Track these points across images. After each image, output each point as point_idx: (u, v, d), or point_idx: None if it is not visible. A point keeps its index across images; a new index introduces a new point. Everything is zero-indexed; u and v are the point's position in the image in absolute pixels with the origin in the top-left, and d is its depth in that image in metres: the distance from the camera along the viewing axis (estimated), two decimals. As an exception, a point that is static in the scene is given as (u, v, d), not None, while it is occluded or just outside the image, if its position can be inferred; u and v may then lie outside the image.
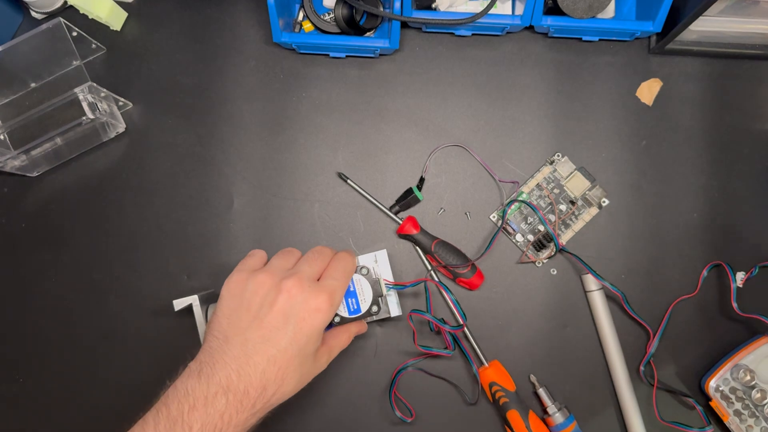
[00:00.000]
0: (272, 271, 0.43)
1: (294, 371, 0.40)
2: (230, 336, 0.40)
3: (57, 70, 0.56)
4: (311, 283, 0.42)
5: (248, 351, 0.39)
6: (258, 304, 0.41)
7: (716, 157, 0.55)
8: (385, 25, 0.55)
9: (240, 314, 0.41)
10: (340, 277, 0.44)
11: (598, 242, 0.55)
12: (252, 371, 0.39)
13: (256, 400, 0.39)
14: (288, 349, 0.40)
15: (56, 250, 0.56)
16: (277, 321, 0.40)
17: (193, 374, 0.39)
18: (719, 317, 0.54)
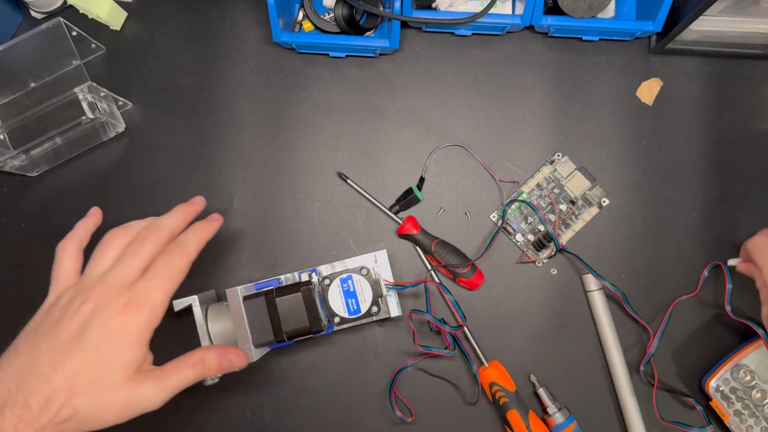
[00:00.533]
0: (84, 279, 0.39)
1: (89, 383, 0.35)
2: (19, 347, 0.37)
3: (57, 69, 0.56)
4: (122, 287, 0.38)
5: (35, 361, 0.35)
6: (58, 316, 0.37)
7: (716, 157, 0.55)
8: (385, 24, 0.55)
9: (37, 326, 0.38)
10: (159, 277, 0.39)
11: (598, 242, 0.54)
12: (34, 381, 0.34)
13: (39, 413, 0.33)
14: (81, 357, 0.35)
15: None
16: (74, 328, 0.36)
17: None
18: (719, 317, 0.54)
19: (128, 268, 0.39)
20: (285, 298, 0.46)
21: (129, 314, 0.37)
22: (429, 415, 0.53)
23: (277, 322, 0.46)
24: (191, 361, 0.39)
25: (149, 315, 0.37)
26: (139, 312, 0.37)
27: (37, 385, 0.34)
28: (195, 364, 0.39)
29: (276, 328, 0.46)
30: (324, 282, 0.49)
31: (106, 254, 0.40)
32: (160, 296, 0.38)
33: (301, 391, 0.54)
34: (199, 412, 0.53)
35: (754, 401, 0.50)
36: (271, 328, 0.46)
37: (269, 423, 0.54)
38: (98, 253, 0.41)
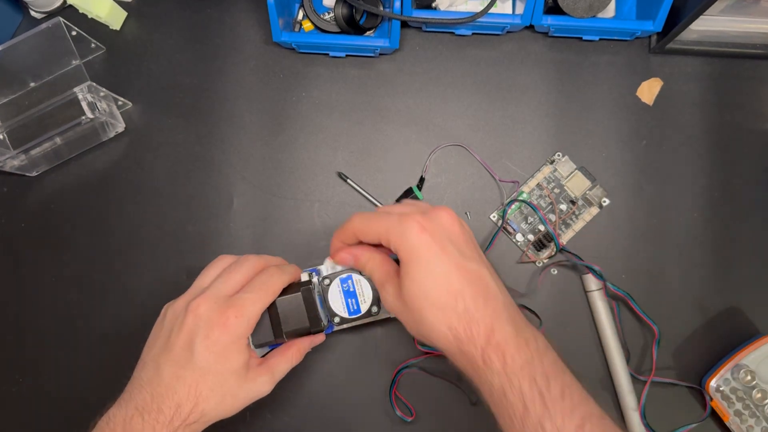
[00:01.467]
0: (188, 293, 0.44)
1: (210, 390, 0.40)
2: (146, 362, 0.42)
3: (56, 69, 0.56)
4: (220, 299, 0.42)
5: (161, 373, 0.40)
6: (169, 329, 0.42)
7: (717, 157, 0.55)
8: (385, 24, 0.55)
9: (155, 341, 0.43)
10: (256, 292, 0.43)
11: (598, 242, 0.54)
12: (163, 391, 0.40)
13: (172, 417, 0.39)
14: (196, 368, 0.40)
15: (56, 250, 0.56)
16: (183, 341, 0.41)
17: (116, 403, 0.41)
18: (720, 317, 0.54)
19: (228, 282, 0.43)
20: (285, 298, 0.46)
21: (229, 324, 0.41)
22: (430, 415, 0.53)
23: (277, 323, 0.46)
24: (290, 353, 0.45)
25: (246, 324, 0.42)
26: (238, 322, 0.41)
27: (167, 395, 0.39)
28: (293, 355, 0.45)
29: (276, 329, 0.46)
30: (324, 282, 0.48)
31: (209, 273, 0.46)
32: (255, 308, 0.42)
33: (301, 391, 0.54)
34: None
35: (754, 401, 0.50)
36: (270, 329, 0.46)
37: (269, 423, 0.54)
38: (203, 272, 0.46)
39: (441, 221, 0.38)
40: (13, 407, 0.54)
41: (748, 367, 0.50)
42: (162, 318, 0.44)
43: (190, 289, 0.45)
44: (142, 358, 0.43)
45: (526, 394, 0.33)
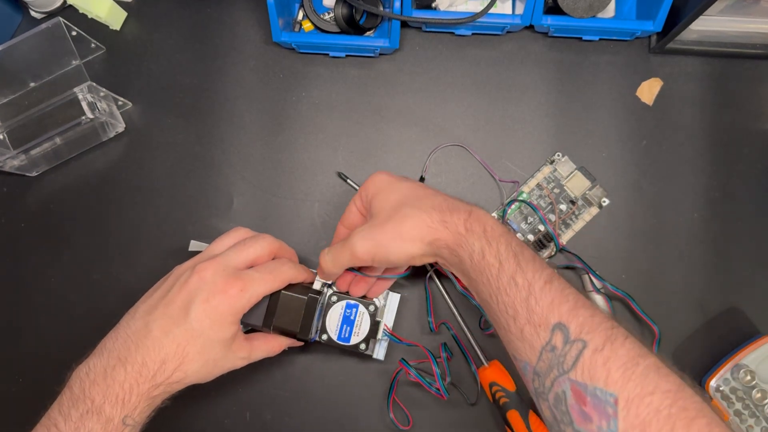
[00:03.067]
0: (198, 256, 0.45)
1: (197, 352, 0.41)
2: (137, 313, 0.42)
3: (56, 69, 0.56)
4: (229, 267, 0.42)
5: (149, 326, 0.40)
6: (170, 284, 0.43)
7: (717, 157, 0.55)
8: (385, 24, 0.55)
9: (153, 294, 0.43)
10: (265, 275, 0.43)
11: (598, 242, 0.54)
12: (150, 344, 0.40)
13: (155, 372, 0.39)
14: (189, 329, 0.40)
15: (56, 250, 0.56)
16: (182, 299, 0.41)
17: (95, 352, 0.41)
18: (720, 317, 0.54)
19: (240, 254, 0.44)
20: (290, 295, 0.46)
21: (231, 295, 0.41)
22: (429, 415, 0.53)
23: (272, 313, 0.46)
24: (272, 344, 0.47)
25: (247, 301, 0.42)
26: (240, 296, 0.41)
27: (152, 348, 0.40)
28: (274, 347, 0.47)
29: (267, 318, 0.46)
30: (332, 298, 0.48)
31: (223, 241, 0.46)
32: (261, 289, 0.43)
33: (301, 392, 0.54)
34: (199, 413, 0.53)
35: (754, 401, 0.50)
36: (263, 315, 0.46)
37: (269, 423, 0.53)
38: (217, 240, 0.46)
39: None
40: (13, 407, 0.54)
41: (747, 367, 0.50)
42: (169, 274, 0.45)
43: (201, 255, 0.45)
44: (134, 309, 0.43)
45: (502, 253, 0.37)
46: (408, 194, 0.42)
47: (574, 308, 0.35)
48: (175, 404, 0.43)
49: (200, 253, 0.45)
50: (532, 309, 0.35)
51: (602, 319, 0.34)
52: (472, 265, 0.39)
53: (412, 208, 0.41)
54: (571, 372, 0.33)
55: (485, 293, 0.38)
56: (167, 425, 0.53)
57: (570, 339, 0.33)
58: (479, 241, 0.38)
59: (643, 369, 0.31)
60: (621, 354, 0.32)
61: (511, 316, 0.36)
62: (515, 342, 0.37)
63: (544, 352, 0.34)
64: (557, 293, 0.36)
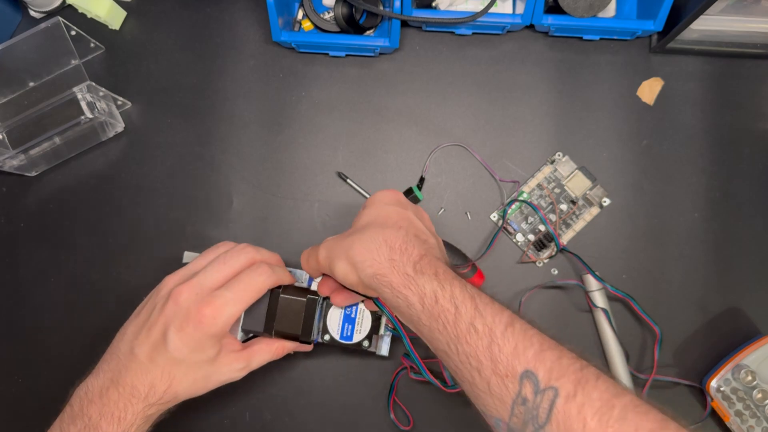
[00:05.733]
0: (182, 272, 0.45)
1: (183, 374, 0.42)
2: (126, 336, 0.43)
3: (56, 69, 0.56)
4: (202, 292, 0.42)
5: (135, 351, 0.41)
6: (151, 308, 0.43)
7: (717, 157, 0.55)
8: (385, 23, 0.55)
9: (139, 314, 0.44)
10: (237, 293, 0.42)
11: (599, 242, 0.54)
12: (137, 368, 0.41)
13: (146, 394, 0.41)
14: (170, 357, 0.41)
15: (55, 250, 0.55)
16: (160, 327, 0.41)
17: (93, 372, 0.42)
18: (720, 317, 0.53)
19: (215, 274, 0.43)
20: (289, 298, 0.46)
21: (204, 322, 0.41)
22: (430, 414, 0.53)
23: (272, 317, 0.46)
24: (274, 348, 0.46)
25: (222, 325, 0.41)
26: (212, 321, 0.41)
27: (140, 372, 0.41)
28: (277, 350, 0.46)
29: (268, 323, 0.46)
30: None
31: (206, 257, 0.45)
32: (233, 310, 0.42)
33: (301, 392, 0.54)
34: (198, 413, 0.53)
35: (755, 401, 0.50)
36: (263, 320, 0.46)
37: (269, 424, 0.53)
38: (202, 254, 0.46)
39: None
40: (13, 407, 0.54)
41: (748, 367, 0.50)
42: (147, 297, 0.45)
43: (185, 269, 0.45)
44: (124, 329, 0.44)
45: (458, 297, 0.34)
46: (381, 216, 0.40)
47: (539, 352, 0.32)
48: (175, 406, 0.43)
49: (185, 268, 0.45)
50: (496, 358, 0.32)
51: (571, 361, 0.32)
52: (423, 310, 0.35)
53: (369, 233, 0.38)
54: (547, 426, 0.31)
55: (442, 342, 0.35)
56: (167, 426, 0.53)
57: (540, 388, 0.31)
58: (430, 284, 0.35)
59: (619, 411, 0.30)
60: (594, 398, 0.30)
61: (474, 367, 0.33)
62: (483, 397, 0.33)
63: (515, 407, 0.32)
64: (520, 337, 0.33)
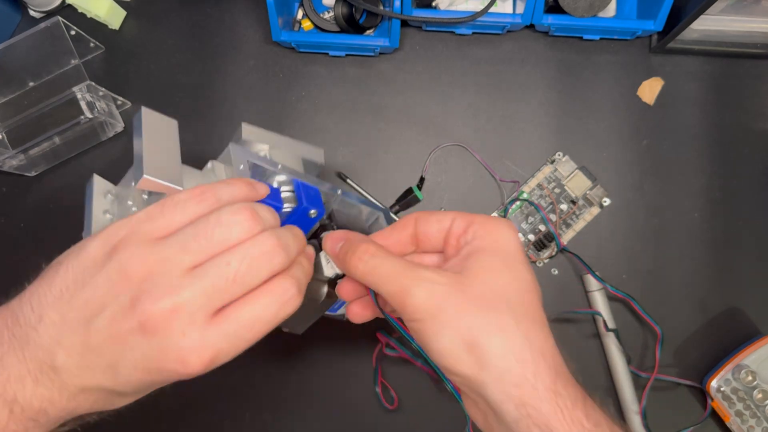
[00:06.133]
0: (139, 237, 0.27)
1: (103, 399, 0.28)
2: (45, 301, 0.27)
3: (55, 69, 0.56)
4: (202, 307, 0.26)
5: (61, 343, 0.26)
6: (98, 304, 0.26)
7: (718, 157, 0.55)
8: (385, 23, 0.55)
9: (74, 303, 0.27)
10: (249, 330, 0.27)
11: (599, 242, 0.54)
12: (42, 355, 0.27)
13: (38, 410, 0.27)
14: (109, 383, 0.27)
15: (54, 251, 0.55)
16: (110, 347, 0.26)
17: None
18: (721, 317, 0.53)
19: (233, 288, 0.27)
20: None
21: (189, 371, 0.26)
22: (430, 409, 0.53)
23: None
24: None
25: (213, 367, 0.27)
26: (193, 369, 0.26)
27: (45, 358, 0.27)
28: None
29: None
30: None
31: (178, 213, 0.28)
32: (227, 358, 0.27)
33: (301, 391, 0.53)
34: (198, 413, 0.53)
35: (755, 402, 0.50)
36: None
37: (269, 424, 0.53)
38: (168, 202, 0.28)
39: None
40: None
41: (749, 367, 0.50)
42: (91, 266, 0.27)
43: (169, 245, 0.27)
44: (43, 300, 0.27)
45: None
46: (520, 289, 0.28)
47: None
48: (175, 406, 0.43)
49: (170, 239, 0.27)
50: None
51: None
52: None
53: (510, 321, 0.27)
54: None
55: None
56: (167, 428, 0.53)
57: None
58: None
59: None
60: None
61: None
62: None
63: None
64: None
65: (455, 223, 0.30)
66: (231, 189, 0.30)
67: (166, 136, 0.39)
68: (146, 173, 0.34)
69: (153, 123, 0.39)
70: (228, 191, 0.30)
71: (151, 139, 0.37)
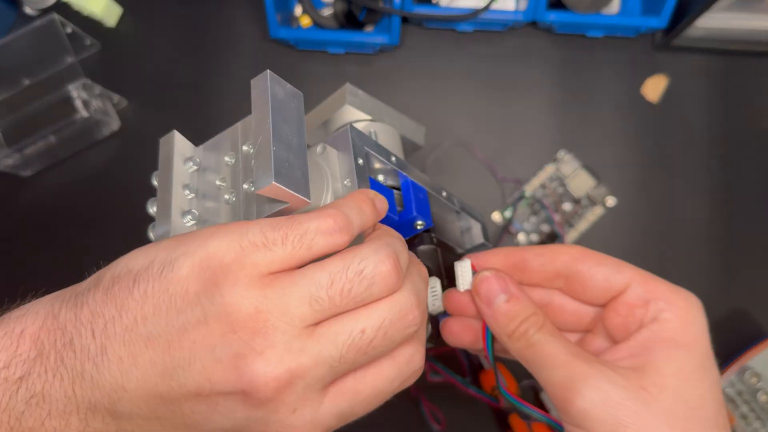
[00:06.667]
0: (281, 305, 0.20)
1: None
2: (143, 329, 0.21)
3: (51, 67, 0.55)
4: (317, 389, 0.21)
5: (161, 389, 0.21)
6: (187, 356, 0.20)
7: (723, 156, 0.54)
8: (385, 20, 0.54)
9: (153, 344, 0.20)
10: (374, 400, 0.23)
11: (602, 241, 0.54)
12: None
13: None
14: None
15: (50, 250, 0.55)
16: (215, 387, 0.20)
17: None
18: (725, 319, 0.53)
19: (370, 348, 0.22)
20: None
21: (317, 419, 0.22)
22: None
23: None
24: None
25: None
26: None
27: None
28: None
29: None
30: None
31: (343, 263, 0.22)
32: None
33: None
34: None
35: (760, 404, 0.49)
36: None
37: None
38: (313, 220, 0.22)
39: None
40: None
41: (753, 369, 0.49)
42: (195, 286, 0.20)
43: (254, 259, 0.21)
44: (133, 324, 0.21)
45: None
46: (719, 412, 0.24)
47: None
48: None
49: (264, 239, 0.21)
50: None
51: None
52: None
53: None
54: None
55: None
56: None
57: None
58: None
59: None
60: None
61: None
62: None
63: None
64: None
65: (633, 289, 0.25)
66: (362, 216, 0.23)
67: (292, 116, 0.26)
68: (276, 179, 0.23)
69: (280, 96, 0.26)
70: (359, 219, 0.23)
71: (279, 122, 0.25)
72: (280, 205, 0.24)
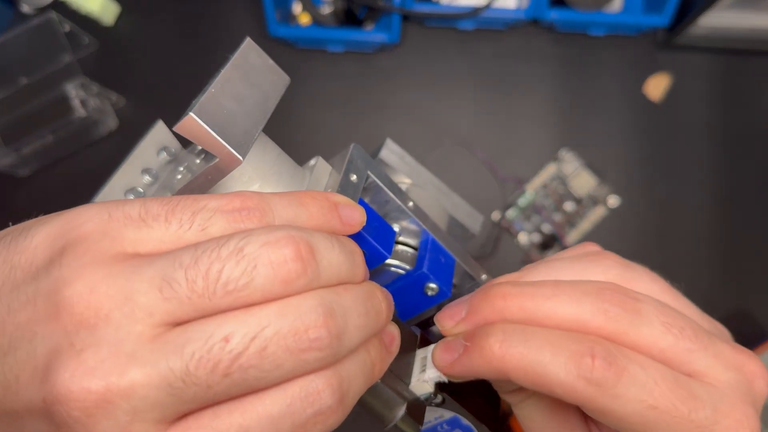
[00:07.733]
0: (125, 291, 0.15)
1: None
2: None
3: (48, 66, 0.55)
4: (149, 422, 0.15)
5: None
6: (4, 342, 0.16)
7: (725, 155, 0.54)
8: (385, 18, 0.54)
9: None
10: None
11: (604, 241, 0.53)
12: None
13: None
14: None
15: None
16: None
17: None
18: (727, 319, 0.52)
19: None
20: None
21: None
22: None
23: None
24: None
25: None
26: None
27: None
28: None
29: None
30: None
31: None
32: None
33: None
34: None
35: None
36: None
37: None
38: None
39: None
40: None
41: (757, 370, 0.49)
42: (42, 257, 0.16)
43: (119, 232, 0.16)
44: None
45: None
46: None
47: None
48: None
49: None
50: None
51: None
52: None
53: None
54: None
55: None
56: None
57: None
58: None
59: None
60: None
61: None
62: None
63: None
64: None
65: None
66: (296, 210, 0.18)
67: (259, 83, 0.24)
68: (195, 112, 0.20)
69: (250, 61, 0.25)
70: (289, 212, 0.17)
71: (235, 78, 0.23)
72: (208, 160, 0.20)
